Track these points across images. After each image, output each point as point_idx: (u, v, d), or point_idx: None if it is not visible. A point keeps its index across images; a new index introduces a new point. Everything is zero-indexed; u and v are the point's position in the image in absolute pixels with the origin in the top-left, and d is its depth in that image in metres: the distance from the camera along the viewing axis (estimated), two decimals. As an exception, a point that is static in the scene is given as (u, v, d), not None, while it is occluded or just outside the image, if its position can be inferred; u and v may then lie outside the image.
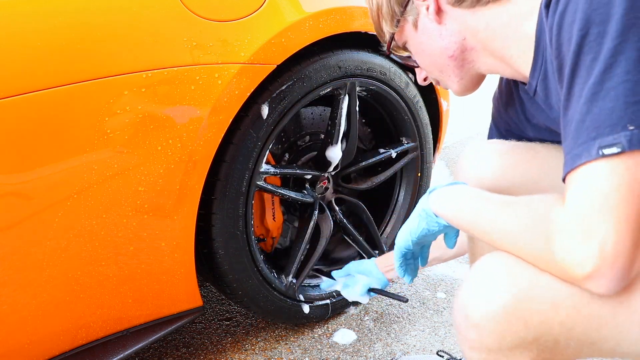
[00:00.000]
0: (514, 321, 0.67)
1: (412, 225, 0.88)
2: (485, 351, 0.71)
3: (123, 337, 1.15)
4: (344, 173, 1.54)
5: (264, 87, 1.21)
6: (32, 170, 0.93)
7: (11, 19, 0.91)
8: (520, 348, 0.69)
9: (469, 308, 0.70)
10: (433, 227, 0.85)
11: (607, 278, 0.59)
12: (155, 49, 1.03)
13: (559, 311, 0.66)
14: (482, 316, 0.69)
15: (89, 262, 1.03)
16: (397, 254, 0.93)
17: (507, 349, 0.69)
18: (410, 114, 1.54)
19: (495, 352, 0.70)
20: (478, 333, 0.70)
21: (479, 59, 0.84)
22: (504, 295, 0.67)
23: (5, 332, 0.99)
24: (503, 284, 0.68)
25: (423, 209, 0.85)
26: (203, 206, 1.18)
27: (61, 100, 0.94)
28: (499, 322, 0.68)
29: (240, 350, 1.44)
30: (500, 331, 0.68)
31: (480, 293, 0.69)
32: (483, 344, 0.70)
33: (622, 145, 0.56)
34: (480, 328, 0.69)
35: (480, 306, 0.69)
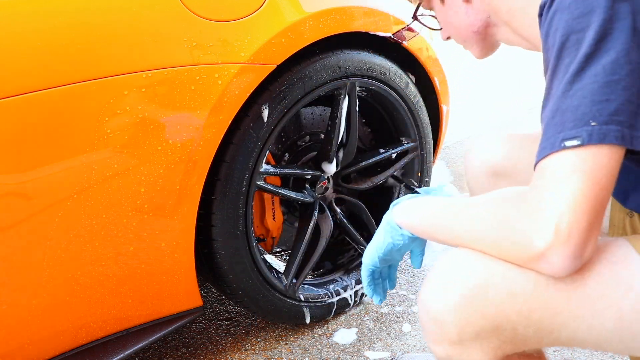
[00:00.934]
0: (472, 312, 0.69)
1: (377, 241, 0.88)
2: (447, 343, 0.72)
3: (123, 337, 1.15)
4: (344, 173, 1.54)
5: (264, 87, 1.21)
6: (32, 170, 0.93)
7: (11, 19, 0.91)
8: (481, 338, 0.71)
9: (429, 302, 0.73)
10: (398, 240, 0.85)
11: (559, 255, 0.62)
12: (155, 49, 1.03)
13: (516, 300, 0.68)
14: (440, 309, 0.71)
15: (89, 262, 1.03)
16: (364, 272, 0.92)
17: (468, 339, 0.71)
18: (410, 114, 1.54)
19: (457, 344, 0.72)
20: (438, 326, 0.72)
21: (501, 34, 0.91)
22: (459, 287, 0.70)
23: (5, 332, 0.99)
24: (459, 277, 0.71)
25: (387, 222, 0.86)
26: (203, 206, 1.18)
27: (61, 100, 0.94)
28: (456, 314, 0.70)
29: (240, 350, 1.44)
30: (458, 323, 0.70)
31: (438, 287, 0.72)
32: (444, 336, 0.72)
33: (582, 139, 0.61)
34: (440, 321, 0.71)
35: (438, 300, 0.71)
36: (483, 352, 0.72)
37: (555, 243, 0.61)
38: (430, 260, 1.82)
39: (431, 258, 1.83)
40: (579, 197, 0.60)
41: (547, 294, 0.67)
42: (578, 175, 0.61)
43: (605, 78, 0.62)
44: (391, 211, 0.86)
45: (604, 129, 0.61)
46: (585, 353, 1.38)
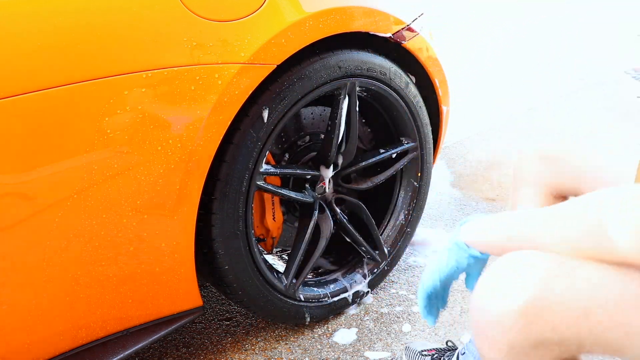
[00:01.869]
0: (540, 321, 0.66)
1: (440, 263, 0.85)
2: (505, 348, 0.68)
3: (123, 337, 1.15)
4: (344, 173, 1.54)
5: (264, 87, 1.21)
6: (32, 170, 0.93)
7: (11, 19, 0.91)
8: (543, 347, 0.67)
9: (491, 303, 0.68)
10: (463, 261, 0.83)
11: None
12: (155, 49, 1.03)
13: (591, 317, 0.64)
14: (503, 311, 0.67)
15: (89, 262, 1.03)
16: (422, 294, 0.88)
17: (528, 347, 0.67)
18: (410, 114, 1.54)
19: (517, 349, 0.68)
20: (497, 329, 0.68)
21: None
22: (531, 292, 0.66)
23: (5, 332, 0.99)
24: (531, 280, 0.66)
25: (454, 243, 0.84)
26: (203, 206, 1.19)
27: (61, 100, 0.94)
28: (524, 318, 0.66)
29: (240, 350, 1.44)
30: (521, 329, 0.66)
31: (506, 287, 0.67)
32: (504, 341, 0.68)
33: None
34: (502, 324, 0.67)
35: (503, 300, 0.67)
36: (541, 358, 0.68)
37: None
38: (422, 257, 1.82)
39: (428, 255, 1.83)
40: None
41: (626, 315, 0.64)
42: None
43: None
44: (459, 231, 0.84)
45: None
46: (585, 353, 1.38)
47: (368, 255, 1.59)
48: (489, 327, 0.68)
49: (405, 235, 1.67)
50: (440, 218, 2.15)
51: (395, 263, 1.68)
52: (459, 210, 2.21)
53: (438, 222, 2.12)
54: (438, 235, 1.99)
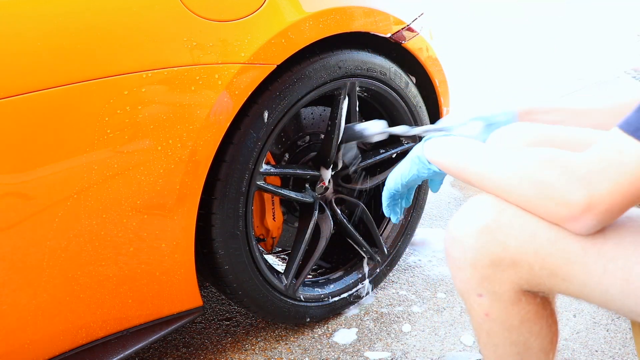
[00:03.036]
0: (493, 240, 0.75)
1: (403, 170, 0.95)
2: (468, 268, 0.78)
3: (123, 337, 1.15)
4: (344, 173, 1.54)
5: (264, 87, 1.21)
6: (32, 170, 0.93)
7: (11, 20, 0.91)
8: (501, 268, 0.76)
9: (455, 228, 0.79)
10: (423, 173, 0.92)
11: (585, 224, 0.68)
12: (155, 49, 1.03)
13: (535, 240, 0.73)
14: (464, 233, 0.77)
15: (89, 262, 1.03)
16: (386, 194, 0.99)
17: (487, 266, 0.76)
18: (410, 114, 1.54)
19: (478, 268, 0.77)
20: (460, 250, 0.78)
21: None
22: (486, 217, 0.76)
23: (5, 332, 0.99)
24: (487, 209, 0.77)
25: (417, 155, 0.92)
26: (203, 206, 1.18)
27: (61, 100, 0.94)
28: (478, 238, 0.76)
29: (240, 350, 1.44)
30: (479, 248, 0.76)
31: (466, 216, 0.78)
32: (466, 259, 0.78)
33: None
34: (463, 244, 0.77)
35: (464, 225, 0.78)
36: (503, 282, 0.77)
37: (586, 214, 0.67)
38: (429, 259, 1.82)
39: (431, 257, 1.83)
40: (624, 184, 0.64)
41: (565, 242, 0.72)
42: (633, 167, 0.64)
43: None
44: (422, 145, 0.91)
45: None
46: (585, 353, 1.39)
47: (368, 255, 1.59)
48: (453, 248, 0.79)
49: (405, 235, 1.67)
50: (440, 218, 2.15)
51: (395, 263, 1.68)
52: (459, 210, 2.21)
53: (438, 222, 2.12)
54: (438, 235, 1.99)
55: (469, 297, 0.81)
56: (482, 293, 0.79)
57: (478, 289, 0.79)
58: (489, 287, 0.78)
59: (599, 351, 1.39)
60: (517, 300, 0.78)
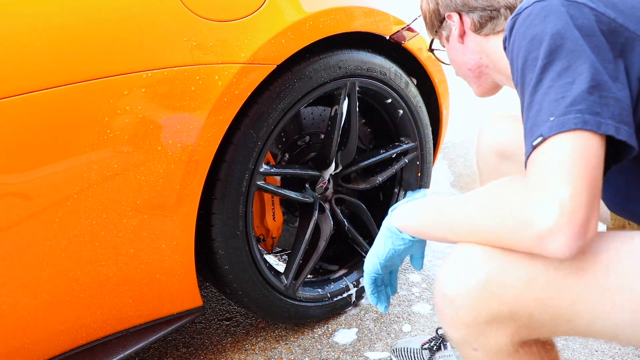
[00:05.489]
0: (488, 296, 0.71)
1: (378, 248, 0.89)
2: (462, 327, 0.74)
3: (123, 337, 1.15)
4: (344, 173, 1.54)
5: (264, 87, 1.21)
6: (32, 170, 0.93)
7: (11, 19, 0.91)
8: (497, 323, 0.72)
9: (446, 286, 0.74)
10: (399, 245, 0.87)
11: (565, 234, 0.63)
12: (155, 49, 1.03)
13: (534, 286, 0.70)
14: (457, 292, 0.73)
15: (89, 262, 1.03)
16: (367, 280, 0.93)
17: (484, 323, 0.72)
18: (410, 114, 1.54)
19: (473, 327, 0.73)
20: (454, 309, 0.73)
21: (492, 74, 1.03)
22: (478, 272, 0.72)
23: (5, 332, 0.99)
24: (478, 262, 0.72)
25: (387, 228, 0.88)
26: (203, 206, 1.18)
27: (61, 100, 0.94)
28: (473, 297, 0.72)
29: (240, 350, 1.44)
30: (474, 306, 0.72)
31: (457, 271, 0.74)
32: (459, 320, 0.73)
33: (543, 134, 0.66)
34: (456, 304, 0.73)
35: (455, 283, 0.73)
36: (499, 336, 0.73)
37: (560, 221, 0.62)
38: (429, 259, 1.82)
39: (432, 257, 1.83)
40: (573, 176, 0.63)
41: (566, 282, 0.69)
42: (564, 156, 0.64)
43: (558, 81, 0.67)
44: (390, 216, 0.88)
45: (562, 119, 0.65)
46: (585, 353, 1.39)
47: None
48: (446, 309, 0.75)
49: (405, 235, 1.67)
50: (440, 218, 2.15)
51: (395, 263, 1.67)
52: (459, 210, 2.20)
53: (438, 222, 2.12)
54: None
55: (463, 349, 0.78)
56: (476, 348, 0.75)
57: (472, 343, 0.75)
58: (484, 343, 0.74)
59: (599, 351, 1.39)
60: (514, 352, 0.75)
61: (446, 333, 0.78)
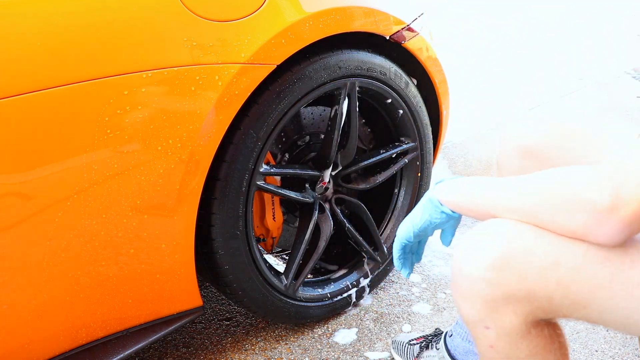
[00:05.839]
0: (510, 272, 0.69)
1: (415, 216, 0.89)
2: (478, 302, 0.72)
3: (123, 337, 1.15)
4: (344, 173, 1.54)
5: (264, 87, 1.21)
6: (32, 170, 0.93)
7: (11, 19, 0.91)
8: (514, 301, 0.71)
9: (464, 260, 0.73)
10: (436, 217, 0.86)
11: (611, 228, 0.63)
12: (155, 49, 1.03)
13: (558, 269, 0.68)
14: (478, 265, 0.71)
15: (89, 262, 1.03)
16: (397, 245, 0.93)
17: (500, 299, 0.71)
18: (410, 114, 1.54)
19: (489, 303, 0.72)
20: (471, 282, 0.72)
21: None
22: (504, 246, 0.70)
23: (5, 332, 0.99)
24: (506, 236, 0.70)
25: (428, 199, 0.87)
26: (203, 206, 1.19)
27: (61, 100, 0.94)
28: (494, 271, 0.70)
29: (240, 350, 1.44)
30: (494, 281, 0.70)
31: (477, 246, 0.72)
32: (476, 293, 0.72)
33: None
34: (473, 278, 0.71)
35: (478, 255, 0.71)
36: (515, 315, 0.72)
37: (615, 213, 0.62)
38: (429, 259, 1.82)
39: (432, 257, 1.83)
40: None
41: (592, 268, 0.68)
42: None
43: None
44: (433, 188, 0.87)
45: None
46: (585, 353, 1.39)
47: (368, 255, 1.58)
48: (463, 282, 0.73)
49: (405, 235, 1.67)
50: (440, 218, 2.15)
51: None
52: (459, 210, 2.20)
53: (438, 222, 2.12)
54: (438, 235, 1.99)
55: (475, 327, 0.76)
56: (489, 325, 0.74)
57: (485, 321, 0.74)
58: (498, 320, 0.73)
59: (599, 351, 1.39)
60: (526, 334, 0.74)
61: (460, 310, 0.77)
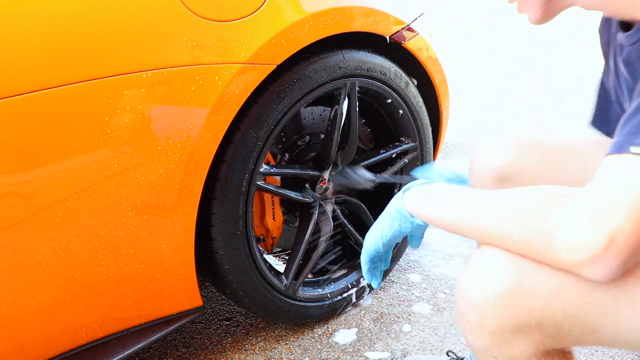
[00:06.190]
0: (517, 305, 0.68)
1: (383, 227, 0.85)
2: (486, 335, 0.71)
3: (123, 337, 1.15)
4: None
5: (264, 87, 1.21)
6: (32, 170, 0.93)
7: (11, 19, 0.91)
8: (523, 332, 0.69)
9: (471, 291, 0.70)
10: (406, 227, 0.83)
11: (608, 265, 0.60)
12: (155, 49, 1.03)
13: (563, 297, 0.67)
14: (484, 299, 0.69)
15: (89, 262, 1.03)
16: (365, 257, 0.89)
17: (509, 332, 0.69)
18: (410, 114, 1.54)
19: (497, 335, 0.70)
20: (479, 315, 0.70)
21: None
22: (506, 279, 0.68)
23: (5, 332, 0.99)
24: (506, 268, 0.68)
25: (396, 210, 0.83)
26: (203, 206, 1.18)
27: (61, 100, 0.94)
28: (501, 304, 0.68)
29: (240, 350, 1.44)
30: (501, 314, 0.68)
31: (483, 276, 0.70)
32: (484, 327, 0.70)
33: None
34: (482, 310, 0.69)
35: (482, 288, 0.69)
36: (524, 345, 0.70)
37: (607, 254, 0.59)
38: (429, 259, 1.82)
39: (432, 257, 1.83)
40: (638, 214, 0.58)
41: (596, 293, 0.66)
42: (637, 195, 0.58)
43: None
44: (402, 198, 0.83)
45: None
46: (585, 353, 1.38)
47: (368, 255, 1.58)
48: (470, 314, 0.71)
49: (405, 235, 1.67)
50: (440, 218, 2.14)
51: (395, 263, 1.67)
52: (459, 210, 2.20)
53: (438, 222, 2.12)
54: (438, 234, 1.99)
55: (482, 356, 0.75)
56: (497, 356, 0.72)
57: (494, 351, 0.72)
58: (507, 352, 0.71)
59: (599, 351, 1.39)
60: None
61: (467, 340, 0.75)
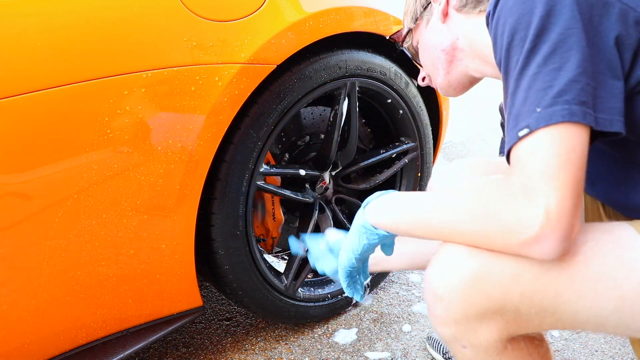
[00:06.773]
0: (477, 293, 0.72)
1: (352, 243, 0.88)
2: (452, 324, 0.75)
3: (123, 337, 1.15)
4: (344, 173, 1.54)
5: (264, 87, 1.21)
6: (32, 170, 0.93)
7: (11, 19, 0.91)
8: (486, 319, 0.73)
9: (435, 284, 0.75)
10: (373, 240, 0.86)
11: (551, 239, 0.63)
12: (155, 49, 1.03)
13: (519, 281, 0.71)
14: (445, 290, 0.74)
15: (89, 262, 1.03)
16: (342, 274, 0.92)
17: (472, 319, 0.73)
18: (410, 114, 1.54)
19: (462, 323, 0.74)
20: (444, 306, 0.74)
21: (467, 58, 0.96)
22: (464, 270, 0.73)
23: (5, 332, 0.99)
24: (464, 260, 0.73)
25: (361, 225, 0.86)
26: (203, 206, 1.19)
27: (61, 100, 0.94)
28: (462, 294, 0.73)
29: (240, 350, 1.44)
30: (463, 302, 0.73)
31: (444, 269, 0.75)
32: (449, 316, 0.74)
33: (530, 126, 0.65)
34: (445, 301, 0.74)
35: (444, 281, 0.74)
36: (488, 332, 0.74)
37: (546, 228, 0.63)
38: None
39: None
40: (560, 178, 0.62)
41: (550, 275, 0.70)
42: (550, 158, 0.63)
43: (545, 67, 0.66)
44: (363, 212, 0.87)
45: (549, 111, 0.64)
46: (585, 353, 1.39)
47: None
48: (436, 306, 0.76)
49: (405, 235, 1.67)
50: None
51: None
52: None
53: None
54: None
55: (453, 347, 0.79)
56: (466, 345, 0.76)
57: (462, 341, 0.76)
58: (473, 340, 0.75)
59: (599, 351, 1.39)
60: (502, 350, 0.76)
61: (438, 332, 0.79)
